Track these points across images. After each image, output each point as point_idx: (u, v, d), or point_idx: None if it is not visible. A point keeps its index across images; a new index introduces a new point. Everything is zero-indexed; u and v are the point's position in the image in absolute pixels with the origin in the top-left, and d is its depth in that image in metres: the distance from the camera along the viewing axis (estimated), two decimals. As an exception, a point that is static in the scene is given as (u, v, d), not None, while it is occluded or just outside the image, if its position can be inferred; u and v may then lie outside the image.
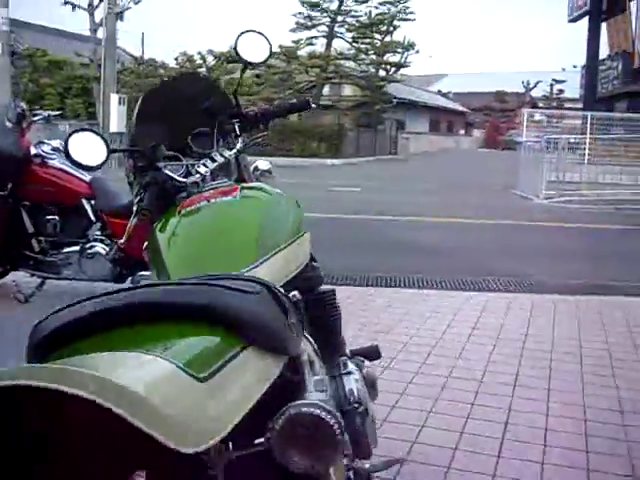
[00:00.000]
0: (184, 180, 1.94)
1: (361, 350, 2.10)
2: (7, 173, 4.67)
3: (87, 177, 4.69)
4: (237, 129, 2.14)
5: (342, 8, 32.26)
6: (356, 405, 1.68)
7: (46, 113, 5.19)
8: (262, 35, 2.15)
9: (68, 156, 1.86)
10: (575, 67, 33.80)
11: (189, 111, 2.14)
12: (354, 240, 8.02)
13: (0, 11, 13.72)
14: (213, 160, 2.03)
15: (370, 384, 1.95)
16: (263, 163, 2.35)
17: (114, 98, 19.37)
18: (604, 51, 23.74)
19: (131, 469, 0.71)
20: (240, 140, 2.14)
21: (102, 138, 1.90)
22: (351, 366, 1.77)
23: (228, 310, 0.92)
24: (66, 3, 25.29)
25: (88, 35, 26.66)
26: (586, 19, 23.58)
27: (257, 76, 31.77)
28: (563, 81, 51.07)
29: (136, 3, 22.88)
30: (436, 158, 33.56)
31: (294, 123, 29.90)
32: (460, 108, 55.07)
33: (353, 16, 32.55)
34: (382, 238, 8.20)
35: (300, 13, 32.41)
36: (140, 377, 0.68)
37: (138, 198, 2.02)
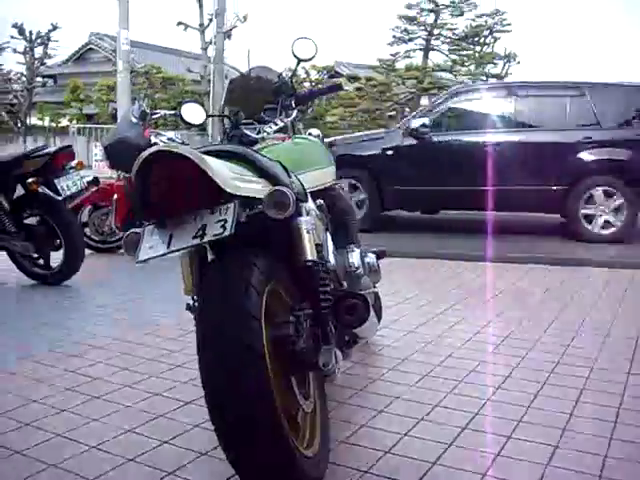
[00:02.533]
0: (256, 136, 2.97)
1: (373, 249, 3.09)
2: (133, 158, 5.87)
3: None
4: (293, 104, 3.16)
5: (438, 21, 33.09)
6: (354, 269, 2.69)
7: (163, 112, 6.39)
8: (311, 40, 3.15)
9: (181, 118, 2.94)
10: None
11: (262, 92, 3.18)
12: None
13: (122, 32, 15.37)
14: (276, 124, 3.06)
15: (373, 269, 2.95)
16: (315, 131, 3.36)
17: (222, 111, 20.85)
18: None
19: (202, 203, 1.76)
20: (295, 112, 3.16)
21: (202, 106, 2.98)
22: (355, 249, 2.78)
23: (261, 163, 1.96)
24: (179, 24, 27.19)
25: (199, 53, 28.58)
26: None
27: (358, 89, 32.90)
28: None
29: (243, 22, 24.42)
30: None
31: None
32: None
33: (449, 29, 33.33)
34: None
35: (397, 27, 33.42)
36: (216, 163, 1.73)
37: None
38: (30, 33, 35.79)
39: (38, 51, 36.35)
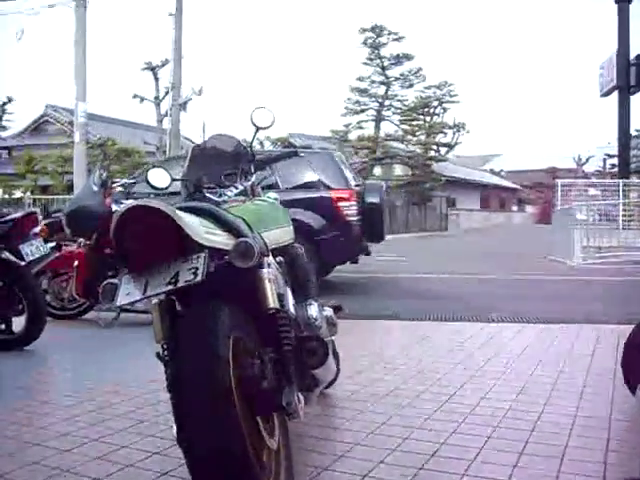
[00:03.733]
0: (217, 199, 3.16)
1: (330, 304, 3.27)
2: (93, 226, 5.99)
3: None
4: (252, 169, 3.36)
5: (389, 93, 34.27)
6: (313, 320, 2.86)
7: (123, 181, 6.57)
8: (268, 109, 3.37)
9: (147, 182, 3.11)
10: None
11: (222, 158, 3.38)
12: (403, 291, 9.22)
13: (80, 105, 15.63)
14: (236, 187, 3.25)
15: (331, 322, 3.13)
16: (273, 194, 3.56)
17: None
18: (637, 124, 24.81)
19: (173, 253, 1.93)
20: (254, 176, 3.36)
21: (167, 172, 3.16)
22: (313, 302, 2.95)
23: (226, 218, 2.15)
24: (135, 96, 27.59)
25: (154, 125, 28.98)
26: (616, 93, 24.87)
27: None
28: (616, 155, 51.66)
29: (198, 95, 24.88)
30: (486, 233, 34.62)
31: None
32: (511, 185, 56.20)
33: (399, 100, 34.54)
34: (427, 292, 9.36)
35: (349, 99, 34.49)
36: (189, 217, 1.91)
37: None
38: (-16, 105, 35.96)
39: (-8, 122, 36.53)
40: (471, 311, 6.96)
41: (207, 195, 3.17)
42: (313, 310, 2.90)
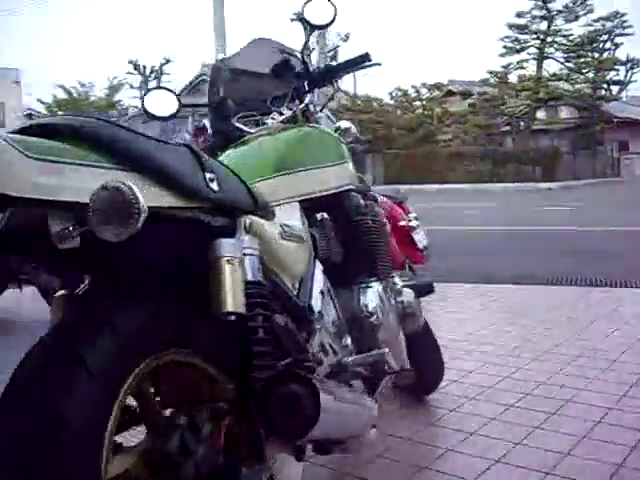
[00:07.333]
0: (249, 130, 2.17)
1: (414, 284, 2.19)
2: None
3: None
4: (305, 86, 2.33)
5: (551, 28, 31.49)
6: (366, 315, 1.80)
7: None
8: (328, 0, 2.32)
9: (145, 110, 2.16)
10: None
11: (261, 75, 2.38)
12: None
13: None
14: (281, 113, 2.24)
15: (408, 312, 2.06)
16: (345, 123, 2.51)
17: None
18: None
19: None
20: (309, 96, 2.33)
21: (174, 94, 2.19)
22: (373, 284, 1.88)
23: (117, 141, 1.08)
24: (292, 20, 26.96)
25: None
26: None
27: (470, 105, 31.75)
28: None
29: (345, 41, 23.92)
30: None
31: (508, 149, 29.53)
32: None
33: (564, 35, 31.65)
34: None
35: (508, 37, 32.07)
36: None
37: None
38: (144, 68, 37.00)
39: (152, 85, 37.48)
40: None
41: (236, 125, 2.19)
42: (370, 297, 1.83)
